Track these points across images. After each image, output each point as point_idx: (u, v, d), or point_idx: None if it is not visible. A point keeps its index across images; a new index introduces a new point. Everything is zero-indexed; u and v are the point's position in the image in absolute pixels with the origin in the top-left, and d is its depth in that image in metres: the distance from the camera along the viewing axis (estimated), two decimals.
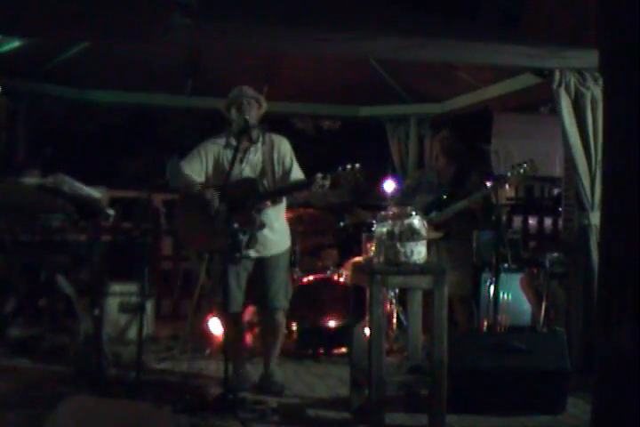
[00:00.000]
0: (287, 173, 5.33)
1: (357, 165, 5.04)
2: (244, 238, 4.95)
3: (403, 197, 6.38)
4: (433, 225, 5.95)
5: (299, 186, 5.23)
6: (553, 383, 4.90)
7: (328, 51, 5.56)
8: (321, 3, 6.00)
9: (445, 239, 6.06)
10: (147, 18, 4.84)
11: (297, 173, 5.35)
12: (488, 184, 5.84)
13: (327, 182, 5.01)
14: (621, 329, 2.57)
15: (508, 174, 5.83)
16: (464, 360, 4.88)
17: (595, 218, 5.55)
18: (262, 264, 5.30)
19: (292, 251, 7.02)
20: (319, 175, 5.01)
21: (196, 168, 5.27)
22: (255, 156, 5.28)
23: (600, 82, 5.27)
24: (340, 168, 5.06)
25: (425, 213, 6.00)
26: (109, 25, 4.98)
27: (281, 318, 5.44)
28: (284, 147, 5.40)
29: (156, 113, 15.62)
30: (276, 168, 5.33)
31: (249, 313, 6.14)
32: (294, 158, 5.39)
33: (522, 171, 5.78)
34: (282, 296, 5.39)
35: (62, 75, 7.36)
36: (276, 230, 5.35)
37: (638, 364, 2.56)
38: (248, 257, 5.20)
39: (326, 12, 5.77)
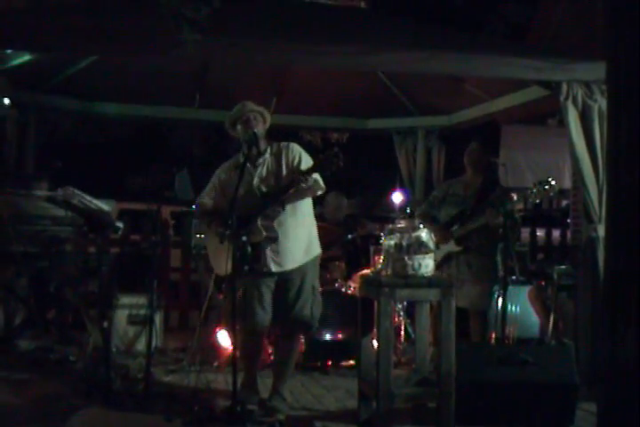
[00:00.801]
0: (296, 168, 5.10)
1: (336, 149, 4.99)
2: (252, 252, 4.90)
3: (428, 208, 6.32)
4: (454, 238, 5.95)
5: (288, 184, 4.98)
6: (561, 396, 4.88)
7: (336, 64, 5.59)
8: (328, 16, 6.04)
9: (465, 253, 6.01)
10: (156, 33, 4.87)
11: (308, 164, 5.10)
12: (513, 198, 5.76)
13: (309, 178, 4.88)
14: (626, 343, 2.57)
15: (534, 190, 5.73)
16: (472, 373, 4.87)
17: (602, 230, 5.53)
18: (285, 279, 5.13)
19: None
20: (298, 174, 4.91)
21: (211, 194, 5.31)
22: (264, 168, 5.21)
23: None
24: (320, 156, 4.99)
25: (449, 225, 6.01)
26: (119, 40, 5.02)
27: (297, 340, 5.35)
28: (292, 151, 5.23)
29: (164, 126, 15.69)
30: (284, 171, 5.16)
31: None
32: (304, 155, 5.21)
33: (546, 188, 5.71)
34: (306, 316, 5.17)
35: (71, 88, 7.42)
36: (297, 239, 5.17)
37: None
38: (271, 273, 5.08)
39: (334, 26, 5.81)
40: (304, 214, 5.26)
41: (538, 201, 5.85)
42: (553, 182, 5.70)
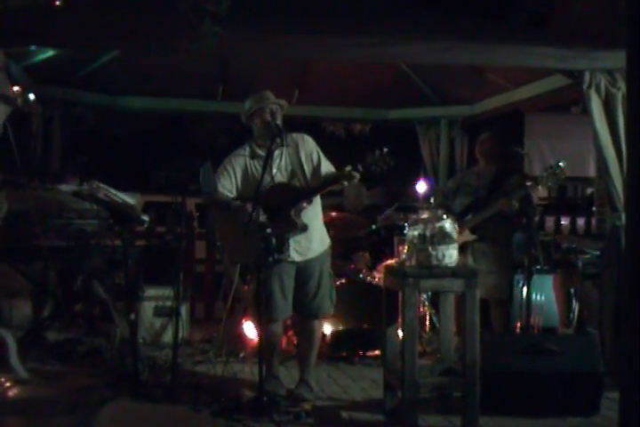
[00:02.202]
0: (317, 168, 5.29)
1: (385, 150, 5.03)
2: (277, 243, 4.96)
3: (444, 199, 6.35)
4: (469, 227, 5.96)
5: (331, 180, 5.15)
6: (586, 385, 4.89)
7: (357, 56, 5.60)
8: (349, 8, 6.03)
9: (480, 242, 6.02)
10: (177, 28, 4.90)
11: (327, 166, 5.31)
12: (526, 184, 5.78)
13: (356, 174, 5.01)
14: None
15: (544, 174, 5.77)
16: (497, 362, 4.88)
17: None
18: (306, 268, 5.27)
19: None
20: (348, 167, 5.01)
21: (227, 185, 5.28)
22: (282, 160, 5.28)
23: None
24: (368, 156, 5.05)
25: (463, 215, 6.01)
26: (140, 34, 5.06)
27: (317, 326, 5.42)
28: (308, 143, 5.36)
29: (187, 118, 15.73)
30: (305, 167, 5.29)
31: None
32: (321, 152, 5.35)
33: (556, 171, 5.73)
34: (327, 301, 5.35)
35: (95, 82, 7.48)
36: (316, 231, 5.32)
37: None
38: (293, 262, 5.19)
39: (355, 17, 5.80)
40: (319, 205, 5.43)
41: (550, 184, 5.85)
42: (562, 164, 5.72)
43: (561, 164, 5.74)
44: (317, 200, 5.35)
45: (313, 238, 5.28)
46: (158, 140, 16.65)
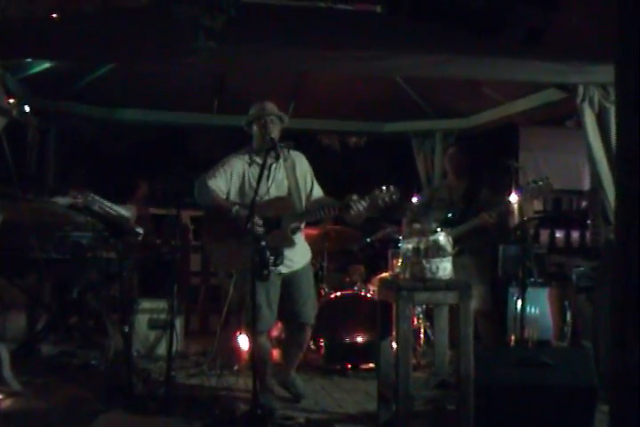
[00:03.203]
0: (309, 190, 5.44)
1: (392, 187, 5.08)
2: (271, 256, 5.00)
3: (415, 215, 6.40)
4: None
5: (335, 207, 5.22)
6: (580, 399, 4.87)
7: (352, 70, 5.60)
8: (344, 22, 6.07)
9: (460, 256, 6.03)
10: (171, 41, 4.92)
11: (318, 191, 5.47)
12: (512, 199, 5.82)
13: (364, 204, 5.07)
14: (634, 351, 2.57)
15: (529, 188, 5.81)
16: (491, 375, 4.86)
17: None
18: (291, 279, 5.34)
19: (320, 267, 7.09)
20: (355, 197, 5.08)
21: (221, 185, 5.30)
22: (279, 173, 5.33)
23: None
24: (376, 190, 5.10)
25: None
26: (135, 47, 5.08)
27: (308, 332, 5.51)
28: (304, 164, 5.49)
29: (183, 131, 15.73)
30: (300, 185, 5.39)
31: (276, 329, 6.20)
32: (313, 175, 5.48)
33: (540, 185, 5.78)
34: (311, 311, 5.45)
35: (91, 94, 7.48)
36: (300, 242, 5.43)
37: None
38: (280, 273, 5.25)
39: (350, 31, 5.83)
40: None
41: (536, 197, 5.91)
42: (547, 180, 5.76)
43: (547, 179, 5.78)
44: None
45: (297, 251, 5.36)
46: (155, 153, 16.63)
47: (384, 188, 5.09)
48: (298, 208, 5.32)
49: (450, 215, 6.10)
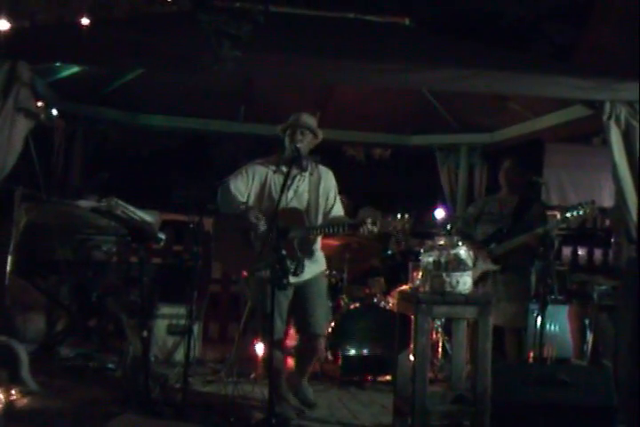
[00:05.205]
0: (330, 208, 5.43)
1: (407, 216, 5.05)
2: (291, 266, 4.99)
3: (464, 226, 6.34)
4: (491, 257, 5.94)
5: (345, 227, 5.23)
6: (598, 419, 4.82)
7: (379, 82, 5.61)
8: (372, 33, 6.06)
9: (502, 272, 5.98)
10: (197, 49, 4.95)
11: (338, 210, 5.47)
12: (552, 217, 5.74)
13: (375, 228, 5.07)
14: None
15: (569, 215, 5.70)
16: (508, 392, 4.83)
17: None
18: (303, 289, 5.34)
19: (340, 278, 7.07)
20: (369, 220, 5.06)
21: (241, 188, 5.33)
22: (302, 185, 5.35)
23: None
24: (390, 216, 5.08)
25: (486, 243, 6.00)
26: (162, 55, 5.11)
27: (322, 344, 5.49)
28: (330, 180, 5.50)
29: (209, 138, 15.78)
30: (321, 201, 5.40)
31: (290, 339, 6.19)
32: (337, 193, 5.49)
33: (582, 213, 5.70)
34: (324, 322, 5.45)
35: (118, 99, 7.53)
36: (314, 253, 5.43)
37: None
38: (289, 283, 5.18)
39: (377, 43, 5.83)
40: None
41: (577, 223, 5.81)
42: (593, 205, 5.69)
43: (586, 205, 5.68)
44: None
45: (312, 261, 5.37)
46: (179, 160, 16.72)
47: (399, 215, 5.06)
48: (308, 222, 5.31)
49: (498, 230, 6.03)
